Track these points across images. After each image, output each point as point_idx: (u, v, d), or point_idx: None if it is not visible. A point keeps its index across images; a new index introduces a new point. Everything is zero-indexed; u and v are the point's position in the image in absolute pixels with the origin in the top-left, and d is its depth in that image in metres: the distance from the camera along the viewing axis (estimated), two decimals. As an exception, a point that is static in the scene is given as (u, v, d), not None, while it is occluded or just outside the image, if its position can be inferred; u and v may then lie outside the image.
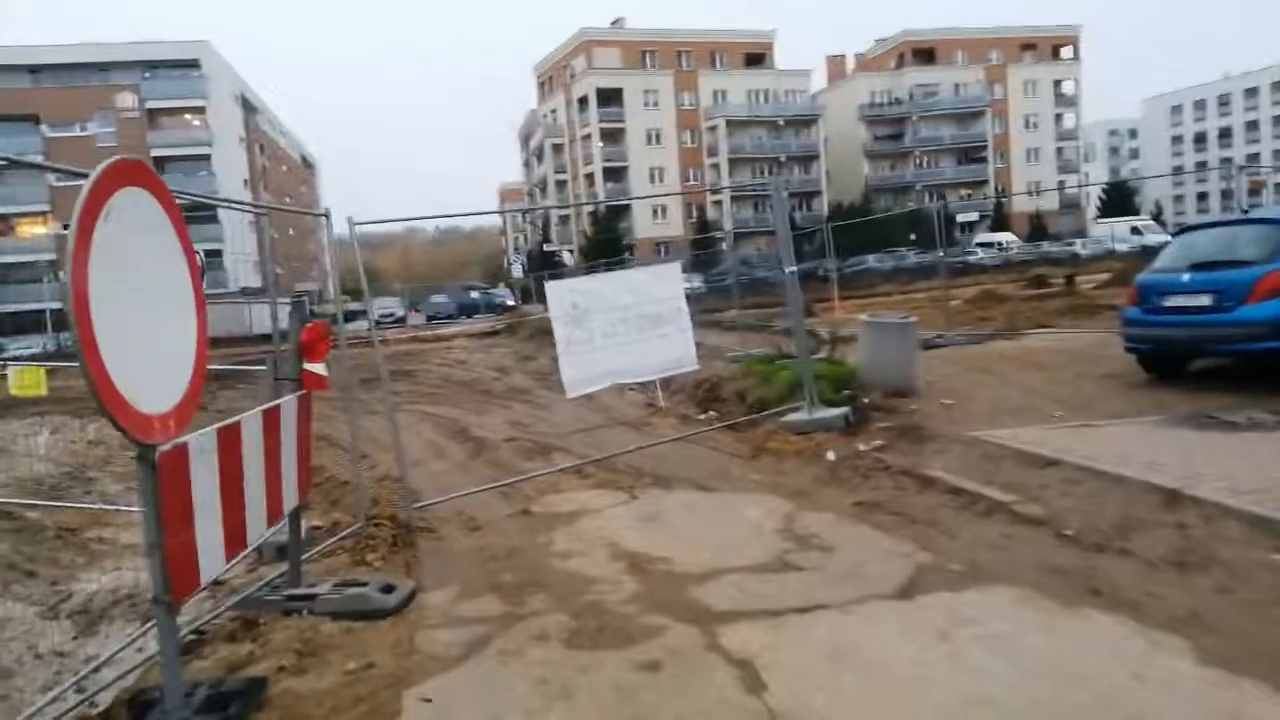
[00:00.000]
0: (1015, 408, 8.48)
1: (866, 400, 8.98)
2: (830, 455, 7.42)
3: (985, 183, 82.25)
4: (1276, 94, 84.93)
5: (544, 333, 29.36)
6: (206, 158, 64.10)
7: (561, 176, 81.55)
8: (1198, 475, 5.59)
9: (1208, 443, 6.52)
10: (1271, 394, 7.92)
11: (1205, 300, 8.42)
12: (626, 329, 7.46)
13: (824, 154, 79.86)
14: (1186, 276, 8.64)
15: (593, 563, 5.39)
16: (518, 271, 55.33)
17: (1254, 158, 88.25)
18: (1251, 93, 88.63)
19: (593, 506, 6.74)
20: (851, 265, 57.56)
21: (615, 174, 75.28)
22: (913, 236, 67.73)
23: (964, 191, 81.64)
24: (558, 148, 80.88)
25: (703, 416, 10.84)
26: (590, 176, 76.02)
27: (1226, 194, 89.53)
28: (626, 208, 73.99)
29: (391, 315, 47.66)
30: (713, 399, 11.71)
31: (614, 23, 77.15)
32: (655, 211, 75.91)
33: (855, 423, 8.24)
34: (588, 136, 75.80)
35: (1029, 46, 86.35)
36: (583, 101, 76.07)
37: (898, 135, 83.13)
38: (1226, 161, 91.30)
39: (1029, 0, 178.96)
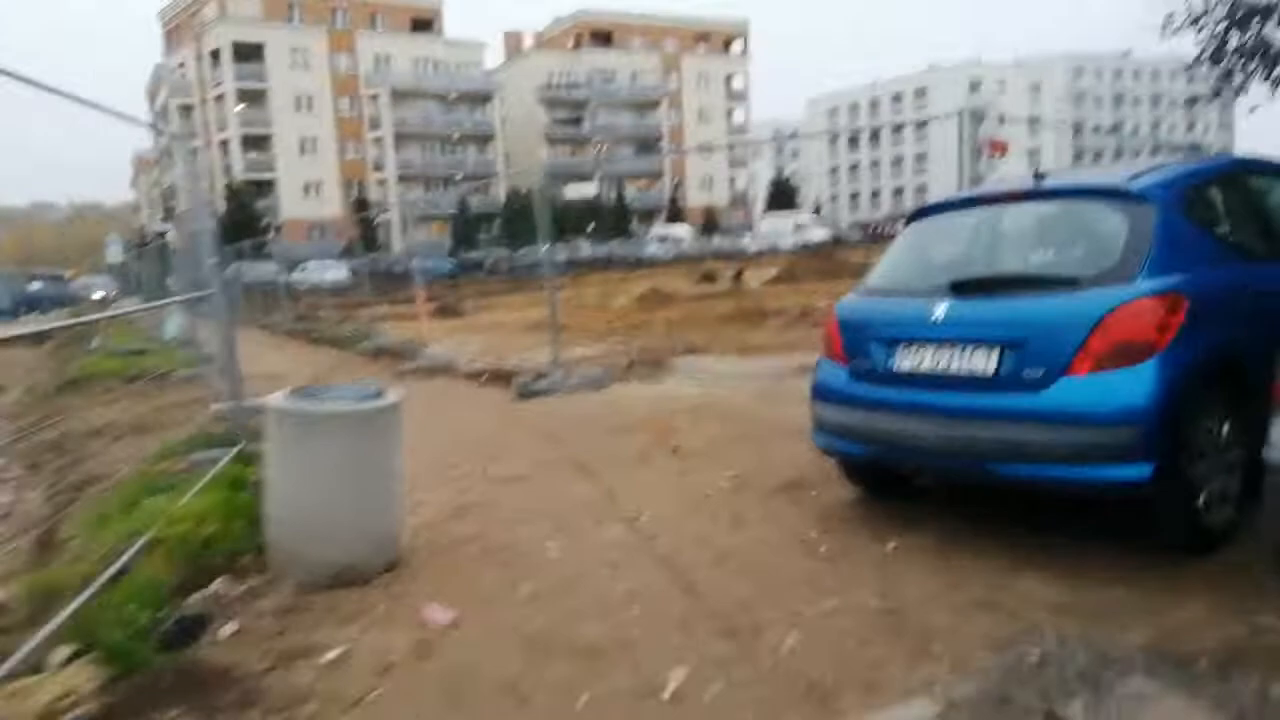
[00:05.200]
0: (597, 639, 3.41)
1: (230, 627, 3.49)
2: None
3: (662, 175, 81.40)
4: (919, 100, 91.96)
5: (77, 340, 21.01)
6: None
7: (192, 143, 69.04)
8: None
9: None
10: (1108, 561, 3.52)
11: (982, 362, 3.86)
12: None
13: (501, 135, 74.46)
14: (941, 309, 4.04)
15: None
16: (114, 254, 44.17)
17: (898, 160, 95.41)
18: (897, 99, 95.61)
19: None
20: (524, 257, 52.57)
21: (256, 142, 64.80)
22: (591, 226, 64.66)
23: (642, 182, 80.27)
24: (186, 109, 68.38)
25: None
26: (225, 144, 64.83)
27: (877, 194, 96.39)
28: (270, 182, 63.88)
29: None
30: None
31: (253, -34, 66.26)
32: (308, 188, 66.51)
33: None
34: (221, 98, 64.58)
35: (702, 37, 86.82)
36: (215, 56, 64.63)
37: (577, 120, 79.83)
38: (875, 165, 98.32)
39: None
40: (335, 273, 42.69)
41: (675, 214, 73.05)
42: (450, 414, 8.25)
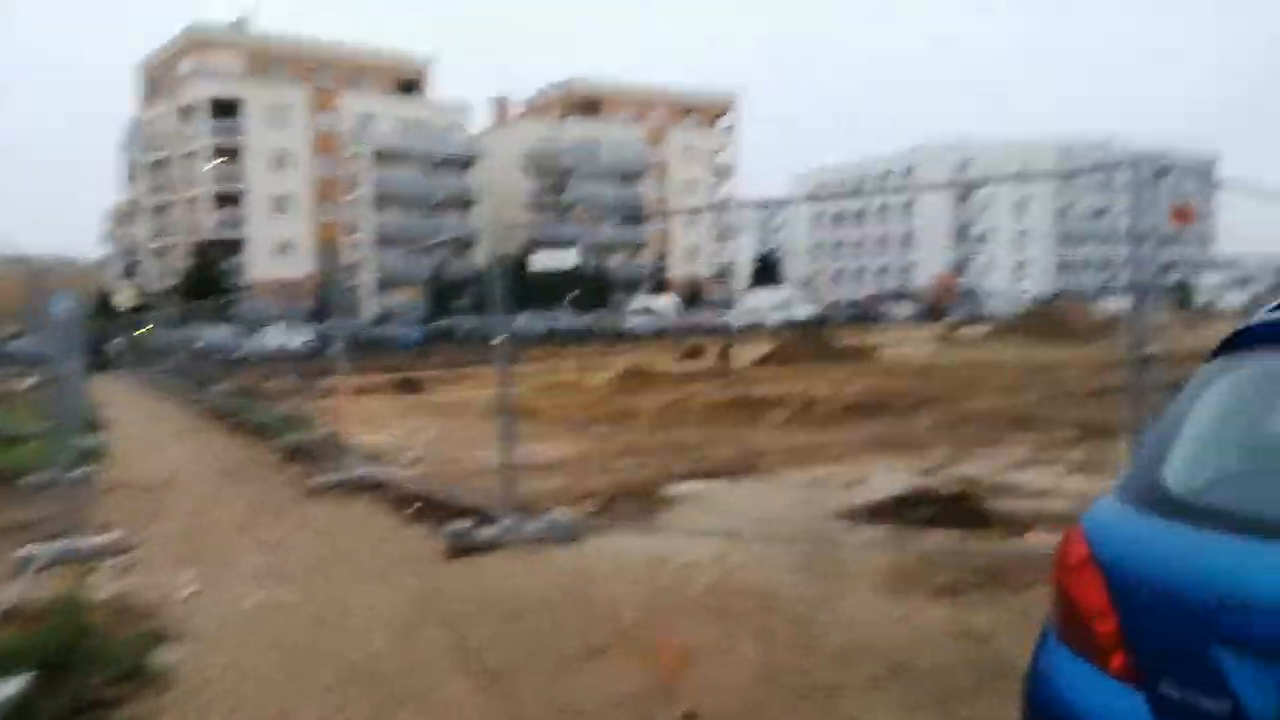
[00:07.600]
0: None
1: None
2: None
3: (645, 245, 79.71)
4: (906, 179, 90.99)
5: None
6: None
7: (161, 199, 66.67)
8: None
9: None
10: None
11: None
12: None
13: (484, 201, 72.55)
14: None
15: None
16: (58, 311, 41.26)
17: (883, 240, 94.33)
18: (884, 178, 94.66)
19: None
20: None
21: (229, 199, 62.39)
22: (574, 294, 62.42)
23: (624, 254, 78.51)
24: (158, 164, 66.09)
25: None
26: (193, 200, 62.40)
27: (861, 272, 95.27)
28: (238, 241, 61.28)
29: None
30: None
31: (235, 21, 64.78)
32: (280, 248, 64.00)
33: None
34: (194, 154, 62.40)
35: (689, 111, 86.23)
36: (191, 111, 62.66)
37: (560, 189, 78.28)
38: (859, 245, 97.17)
39: (689, 64, 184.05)
40: (298, 338, 39.66)
41: (660, 284, 71.08)
42: (340, 587, 5.55)
